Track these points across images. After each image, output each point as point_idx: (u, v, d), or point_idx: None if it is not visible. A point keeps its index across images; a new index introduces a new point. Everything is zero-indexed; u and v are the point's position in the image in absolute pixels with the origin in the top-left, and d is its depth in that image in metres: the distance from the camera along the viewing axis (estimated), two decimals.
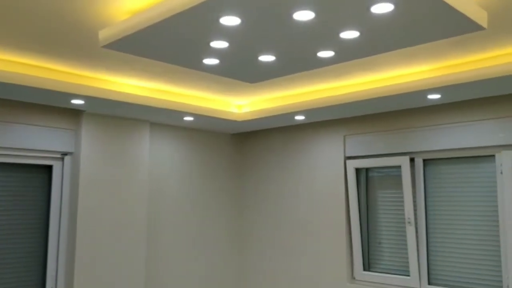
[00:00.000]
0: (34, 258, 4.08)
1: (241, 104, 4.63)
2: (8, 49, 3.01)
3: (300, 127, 5.03)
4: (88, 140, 4.23)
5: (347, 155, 4.61)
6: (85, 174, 4.19)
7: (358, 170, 4.57)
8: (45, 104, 4.03)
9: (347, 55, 2.69)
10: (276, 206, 5.17)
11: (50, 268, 4.14)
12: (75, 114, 4.27)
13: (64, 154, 4.25)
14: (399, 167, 4.29)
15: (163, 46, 2.52)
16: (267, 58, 2.74)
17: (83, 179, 4.18)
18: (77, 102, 3.82)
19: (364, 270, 4.49)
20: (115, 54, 3.07)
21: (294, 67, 2.92)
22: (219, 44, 2.47)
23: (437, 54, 3.02)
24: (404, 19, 2.14)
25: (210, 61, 2.79)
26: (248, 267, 5.41)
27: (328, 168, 4.73)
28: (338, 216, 4.62)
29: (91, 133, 4.26)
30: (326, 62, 2.81)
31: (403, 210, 4.26)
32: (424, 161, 4.14)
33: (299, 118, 4.52)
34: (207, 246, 5.20)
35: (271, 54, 2.67)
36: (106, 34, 2.49)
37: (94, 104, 3.89)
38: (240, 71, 3.02)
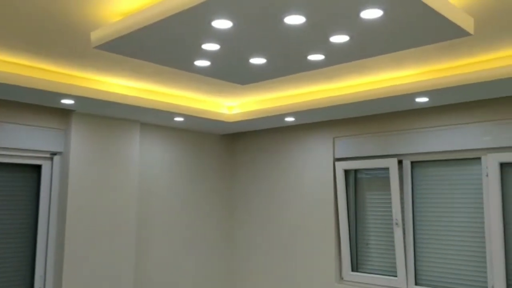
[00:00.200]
0: (22, 258, 4.06)
1: (231, 105, 4.64)
2: None
3: (290, 128, 5.06)
4: (78, 140, 4.22)
5: (336, 156, 4.65)
6: (74, 174, 4.18)
7: (347, 172, 4.62)
8: (34, 104, 4.01)
9: (337, 59, 2.73)
10: (266, 207, 5.20)
11: (39, 268, 4.12)
12: (64, 114, 4.26)
13: (53, 153, 4.23)
14: (387, 169, 4.34)
15: (155, 48, 2.53)
16: (258, 61, 2.77)
17: (72, 179, 4.16)
18: (67, 102, 3.81)
19: (352, 270, 4.53)
20: (105, 54, 3.07)
21: (285, 69, 2.96)
22: (211, 46, 2.49)
23: (425, 58, 3.07)
24: (392, 25, 2.18)
25: (202, 63, 2.81)
26: (237, 267, 5.43)
27: (317, 170, 4.77)
28: (327, 217, 4.66)
29: (81, 133, 4.24)
30: (316, 65, 2.85)
31: (391, 211, 4.31)
32: (412, 163, 4.20)
33: (289, 119, 4.55)
34: (197, 246, 5.21)
35: (262, 57, 2.70)
36: (98, 35, 2.50)
37: (84, 104, 3.88)
38: (231, 73, 3.04)
